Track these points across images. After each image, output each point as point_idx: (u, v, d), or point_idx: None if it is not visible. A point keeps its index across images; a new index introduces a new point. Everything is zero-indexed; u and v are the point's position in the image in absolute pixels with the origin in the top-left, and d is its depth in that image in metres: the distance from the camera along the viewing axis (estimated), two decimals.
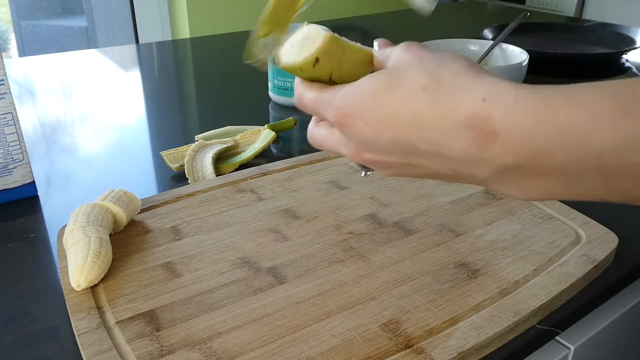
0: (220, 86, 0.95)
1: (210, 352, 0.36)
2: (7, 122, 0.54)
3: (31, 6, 2.11)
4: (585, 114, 0.26)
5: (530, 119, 0.27)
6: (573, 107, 0.27)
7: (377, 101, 0.32)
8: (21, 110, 0.82)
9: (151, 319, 0.39)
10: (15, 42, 2.11)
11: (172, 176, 0.63)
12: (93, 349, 0.36)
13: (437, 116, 0.30)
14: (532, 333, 0.41)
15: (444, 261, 0.46)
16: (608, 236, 0.48)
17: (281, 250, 0.47)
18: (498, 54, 0.86)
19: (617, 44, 1.09)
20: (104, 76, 1.00)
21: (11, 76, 0.98)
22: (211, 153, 0.63)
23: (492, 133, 0.28)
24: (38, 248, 0.50)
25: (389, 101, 0.32)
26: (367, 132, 0.33)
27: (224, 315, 0.40)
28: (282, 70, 0.52)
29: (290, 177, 0.59)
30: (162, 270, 0.44)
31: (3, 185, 0.56)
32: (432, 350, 0.37)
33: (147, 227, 0.50)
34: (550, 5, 2.27)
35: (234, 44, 1.25)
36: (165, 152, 0.64)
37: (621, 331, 0.51)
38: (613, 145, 0.26)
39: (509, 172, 0.29)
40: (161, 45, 1.24)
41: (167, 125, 0.78)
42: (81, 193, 0.60)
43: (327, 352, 0.36)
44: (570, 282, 0.43)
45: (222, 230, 0.50)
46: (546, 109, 0.27)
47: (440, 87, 0.30)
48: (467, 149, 0.29)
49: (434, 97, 0.30)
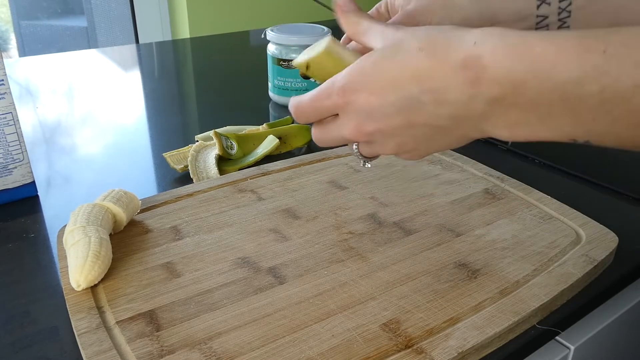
0: (220, 86, 0.95)
1: (210, 352, 0.36)
2: (7, 122, 0.54)
3: (31, 6, 2.11)
4: (555, 49, 0.30)
5: (511, 53, 0.31)
6: (546, 44, 0.30)
7: (379, 70, 0.35)
8: (21, 111, 0.82)
9: (151, 319, 0.39)
10: (15, 42, 2.11)
11: (177, 177, 0.63)
12: (93, 349, 0.36)
13: (434, 67, 0.33)
14: (532, 333, 0.41)
15: (444, 261, 0.46)
16: (608, 236, 0.48)
17: (281, 250, 0.47)
18: None
19: None
20: (104, 76, 1.00)
21: (11, 76, 0.98)
22: (213, 153, 0.63)
23: (482, 69, 0.32)
24: (38, 248, 0.50)
25: (389, 67, 0.35)
26: (371, 101, 0.36)
27: (224, 315, 0.40)
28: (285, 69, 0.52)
29: (290, 177, 0.59)
30: (162, 270, 0.44)
31: (3, 185, 0.56)
32: (432, 350, 0.37)
33: (147, 227, 0.50)
34: None
35: (234, 44, 1.25)
36: (168, 154, 0.64)
37: (621, 331, 0.51)
38: (574, 77, 0.29)
39: (496, 105, 0.32)
40: (161, 45, 1.24)
41: (167, 126, 0.78)
42: (81, 193, 0.60)
43: (327, 352, 0.36)
44: (570, 282, 0.43)
45: (222, 230, 0.50)
46: (525, 45, 0.31)
47: (436, 44, 0.34)
48: (463, 87, 0.33)
49: (430, 52, 0.33)
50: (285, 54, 0.81)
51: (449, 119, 0.35)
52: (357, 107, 0.36)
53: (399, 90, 0.35)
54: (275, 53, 0.82)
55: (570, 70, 0.29)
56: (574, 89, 0.30)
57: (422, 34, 0.35)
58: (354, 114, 0.37)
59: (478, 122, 0.34)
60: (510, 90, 0.32)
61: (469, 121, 0.34)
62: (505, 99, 0.32)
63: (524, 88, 0.31)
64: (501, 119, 0.33)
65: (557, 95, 0.30)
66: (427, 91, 0.34)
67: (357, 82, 0.36)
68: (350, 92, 0.36)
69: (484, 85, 0.32)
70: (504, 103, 0.32)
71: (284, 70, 0.82)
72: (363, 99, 0.36)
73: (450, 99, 0.34)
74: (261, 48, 0.91)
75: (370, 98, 0.36)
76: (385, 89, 0.35)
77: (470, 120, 0.34)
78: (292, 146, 0.68)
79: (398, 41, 0.35)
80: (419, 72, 0.34)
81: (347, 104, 0.37)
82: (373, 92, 0.35)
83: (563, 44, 0.30)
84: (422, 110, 0.35)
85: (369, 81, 0.35)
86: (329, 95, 0.37)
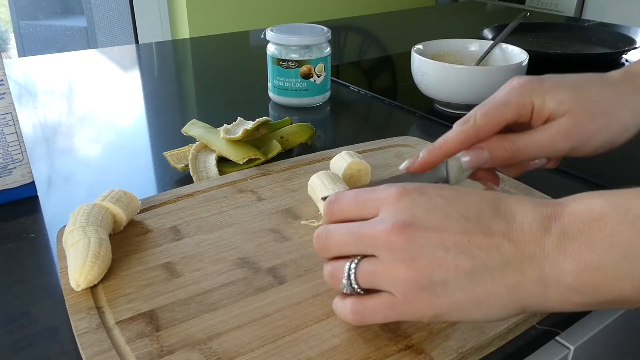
0: (220, 86, 0.95)
1: (210, 352, 0.36)
2: (7, 122, 0.54)
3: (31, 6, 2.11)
4: (636, 192, 0.30)
5: (591, 197, 0.31)
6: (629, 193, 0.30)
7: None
8: (21, 111, 0.82)
9: (151, 319, 0.39)
10: (15, 42, 2.11)
11: (177, 177, 0.63)
12: (93, 349, 0.36)
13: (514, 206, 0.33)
14: (532, 333, 0.41)
15: None
16: None
17: (281, 250, 0.47)
18: (498, 54, 0.86)
19: (617, 44, 1.09)
20: (104, 76, 1.00)
21: (11, 76, 0.98)
22: (214, 154, 0.63)
23: (561, 206, 0.32)
24: (38, 248, 0.50)
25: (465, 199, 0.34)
26: (437, 201, 0.33)
27: (224, 315, 0.40)
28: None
29: (290, 177, 0.59)
30: (162, 271, 0.44)
31: (3, 185, 0.56)
32: (432, 350, 0.37)
33: (147, 227, 0.50)
34: (550, 5, 2.27)
35: (233, 44, 1.25)
36: (169, 153, 0.64)
37: (621, 331, 0.51)
38: None
39: (568, 240, 0.30)
40: (161, 45, 1.24)
41: (167, 125, 0.78)
42: (81, 193, 0.60)
43: (327, 352, 0.36)
44: None
45: (222, 230, 0.50)
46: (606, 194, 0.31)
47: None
48: (536, 216, 0.31)
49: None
50: (285, 54, 0.81)
51: (509, 252, 0.31)
52: (414, 204, 0.33)
53: (472, 205, 0.32)
54: (275, 53, 0.82)
55: None
56: None
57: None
58: (410, 209, 0.33)
59: (540, 263, 0.30)
60: (588, 225, 0.29)
61: (530, 262, 0.30)
62: (580, 235, 0.29)
63: (603, 222, 0.29)
64: (570, 259, 0.30)
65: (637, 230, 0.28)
66: (501, 215, 0.32)
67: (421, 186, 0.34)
68: (412, 188, 0.34)
69: (559, 218, 0.30)
70: (578, 240, 0.29)
71: (284, 70, 0.82)
72: (426, 196, 0.33)
73: (518, 225, 0.31)
74: (261, 48, 0.91)
75: (438, 198, 0.33)
76: (457, 196, 0.33)
77: (532, 260, 0.30)
78: (294, 142, 0.68)
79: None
80: (499, 205, 0.33)
81: (404, 197, 0.33)
82: (442, 195, 0.33)
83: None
84: (484, 234, 0.31)
85: (438, 188, 0.34)
86: (382, 189, 0.35)
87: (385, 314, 0.34)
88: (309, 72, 0.82)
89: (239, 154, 0.61)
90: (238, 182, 0.58)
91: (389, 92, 0.92)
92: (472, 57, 0.88)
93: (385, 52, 1.20)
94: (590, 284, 0.29)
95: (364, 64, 1.11)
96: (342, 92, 0.93)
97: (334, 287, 0.36)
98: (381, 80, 1.01)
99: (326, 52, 0.83)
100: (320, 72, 0.83)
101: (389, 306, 0.33)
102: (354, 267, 0.34)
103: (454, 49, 0.88)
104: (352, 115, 0.85)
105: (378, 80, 1.02)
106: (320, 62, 0.82)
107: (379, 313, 0.34)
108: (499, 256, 0.31)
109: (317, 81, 0.83)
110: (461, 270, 0.31)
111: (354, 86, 0.94)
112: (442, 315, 0.33)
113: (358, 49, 1.25)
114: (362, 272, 0.34)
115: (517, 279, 0.31)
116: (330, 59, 0.84)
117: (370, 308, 0.34)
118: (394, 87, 0.98)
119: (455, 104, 0.80)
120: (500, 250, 0.31)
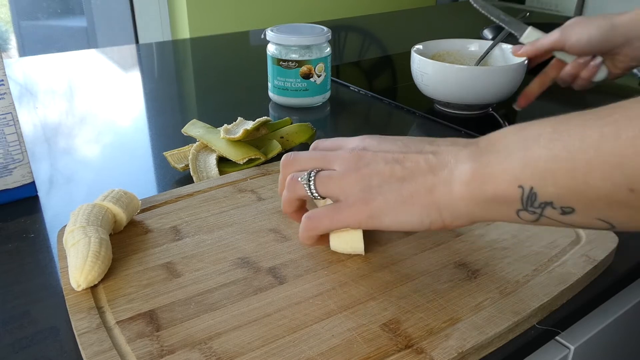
0: (220, 86, 0.95)
1: (210, 352, 0.36)
2: (7, 122, 0.54)
3: (31, 6, 2.11)
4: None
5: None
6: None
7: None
8: (21, 111, 0.82)
9: (151, 319, 0.39)
10: (15, 42, 2.11)
11: (178, 177, 0.63)
12: (93, 349, 0.36)
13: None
14: (532, 333, 0.41)
15: (444, 261, 0.46)
16: (608, 236, 0.48)
17: (281, 250, 0.47)
18: (498, 54, 0.86)
19: None
20: (104, 76, 1.00)
21: (11, 76, 0.98)
22: (214, 154, 0.63)
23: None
24: (38, 248, 0.50)
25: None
26: (387, 138, 0.43)
27: (224, 315, 0.40)
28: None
29: None
30: (162, 271, 0.44)
31: (3, 185, 0.56)
32: (432, 350, 0.37)
33: (147, 227, 0.50)
34: (550, 5, 2.27)
35: (233, 44, 1.25)
36: (169, 153, 0.64)
37: (621, 331, 0.51)
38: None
39: (476, 151, 0.37)
40: (161, 46, 1.24)
41: (167, 125, 0.78)
42: (81, 193, 0.60)
43: (327, 352, 0.36)
44: (570, 282, 0.43)
45: (222, 230, 0.50)
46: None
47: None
48: (459, 143, 0.40)
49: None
50: (285, 54, 0.81)
51: (432, 162, 0.39)
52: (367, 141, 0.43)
53: (413, 140, 0.42)
54: (275, 53, 0.82)
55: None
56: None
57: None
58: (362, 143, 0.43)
59: (451, 168, 0.38)
60: (494, 141, 0.37)
61: (445, 168, 0.38)
62: (487, 148, 0.37)
63: (504, 138, 0.36)
64: (471, 161, 0.37)
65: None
66: (433, 142, 0.41)
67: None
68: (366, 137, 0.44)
69: (477, 142, 0.38)
70: (484, 150, 0.37)
71: (284, 70, 0.82)
72: (377, 137, 0.43)
73: (444, 148, 0.40)
74: (261, 48, 0.91)
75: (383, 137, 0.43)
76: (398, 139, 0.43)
77: (446, 167, 0.38)
78: (294, 142, 0.68)
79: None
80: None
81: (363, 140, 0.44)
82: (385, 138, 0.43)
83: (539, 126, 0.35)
84: (420, 149, 0.40)
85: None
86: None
87: (331, 217, 0.41)
88: (309, 72, 0.82)
89: (239, 154, 0.62)
90: (238, 182, 0.58)
91: (389, 92, 0.92)
92: (472, 57, 0.88)
93: (385, 52, 1.20)
94: (480, 178, 0.36)
95: (364, 64, 1.11)
96: (342, 92, 0.93)
97: (292, 191, 0.43)
98: (381, 80, 1.02)
99: (326, 52, 0.83)
100: (321, 72, 0.83)
101: (335, 209, 0.41)
102: (314, 174, 0.42)
103: (454, 49, 0.88)
104: (352, 115, 0.85)
105: (378, 80, 1.02)
106: (320, 62, 0.82)
107: (326, 216, 0.42)
108: (425, 165, 0.39)
109: (317, 81, 0.83)
110: (394, 177, 0.39)
111: (354, 86, 0.94)
112: (376, 216, 0.40)
113: (358, 49, 1.25)
114: (320, 178, 0.42)
115: (433, 181, 0.38)
116: (330, 59, 0.84)
117: (319, 212, 0.42)
118: (394, 87, 0.98)
119: (455, 104, 0.80)
120: (426, 161, 0.39)
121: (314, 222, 0.42)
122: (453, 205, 0.37)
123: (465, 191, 0.37)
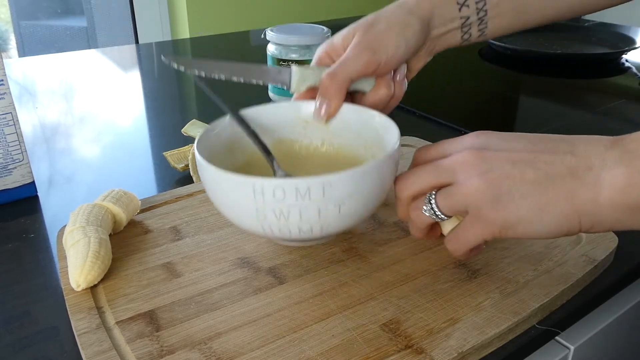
0: (220, 86, 0.95)
1: (210, 352, 0.36)
2: (7, 122, 0.54)
3: (31, 6, 2.11)
4: None
5: None
6: None
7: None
8: (21, 111, 0.82)
9: (151, 319, 0.39)
10: (15, 42, 2.11)
11: (177, 177, 0.63)
12: (93, 349, 0.36)
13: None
14: (532, 333, 0.41)
15: (444, 261, 0.45)
16: (608, 236, 0.48)
17: (281, 250, 0.47)
18: None
19: (617, 44, 1.09)
20: (104, 76, 1.00)
21: (11, 76, 0.98)
22: None
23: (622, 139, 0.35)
24: (38, 248, 0.50)
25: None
26: (508, 134, 0.39)
27: (224, 315, 0.40)
28: None
29: None
30: (162, 271, 0.44)
31: (3, 185, 0.56)
32: (432, 350, 0.37)
33: (147, 227, 0.50)
34: None
35: (233, 44, 1.25)
36: (169, 153, 0.64)
37: (621, 331, 0.51)
38: None
39: (624, 153, 0.34)
40: (161, 45, 1.24)
41: (167, 126, 0.78)
42: (81, 193, 0.60)
43: (327, 352, 0.36)
44: (570, 282, 0.43)
45: (222, 230, 0.50)
46: None
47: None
48: (598, 141, 0.36)
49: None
50: (285, 54, 0.81)
51: (571, 163, 0.35)
52: (485, 138, 0.39)
53: (538, 136, 0.38)
54: (275, 53, 0.82)
55: None
56: None
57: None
58: (481, 142, 0.39)
59: (597, 171, 0.34)
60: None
61: (589, 171, 0.35)
62: (638, 151, 0.33)
63: None
64: (624, 165, 0.33)
65: None
66: (564, 139, 0.37)
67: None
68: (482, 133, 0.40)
69: (621, 141, 0.34)
70: (635, 153, 0.33)
71: None
72: (496, 134, 0.39)
73: (582, 147, 0.36)
74: (261, 48, 0.91)
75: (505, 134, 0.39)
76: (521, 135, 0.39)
77: (591, 170, 0.34)
78: None
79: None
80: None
81: (479, 136, 0.40)
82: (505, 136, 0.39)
83: None
84: (552, 148, 0.36)
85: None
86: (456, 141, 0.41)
87: (466, 237, 0.38)
88: None
89: None
90: None
91: None
92: None
93: None
94: (637, 186, 0.33)
95: None
96: None
97: (416, 219, 0.41)
98: None
99: None
100: None
101: (466, 227, 0.38)
102: (434, 194, 0.39)
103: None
104: None
105: None
106: None
107: (462, 238, 0.39)
108: (561, 167, 0.35)
109: None
110: (526, 180, 0.35)
111: None
112: (510, 226, 0.36)
113: None
114: (441, 196, 0.39)
115: (575, 185, 0.35)
116: None
117: (455, 238, 0.40)
118: None
119: None
120: (563, 162, 0.35)
121: (454, 247, 0.40)
122: (597, 212, 0.34)
123: (618, 198, 0.34)
